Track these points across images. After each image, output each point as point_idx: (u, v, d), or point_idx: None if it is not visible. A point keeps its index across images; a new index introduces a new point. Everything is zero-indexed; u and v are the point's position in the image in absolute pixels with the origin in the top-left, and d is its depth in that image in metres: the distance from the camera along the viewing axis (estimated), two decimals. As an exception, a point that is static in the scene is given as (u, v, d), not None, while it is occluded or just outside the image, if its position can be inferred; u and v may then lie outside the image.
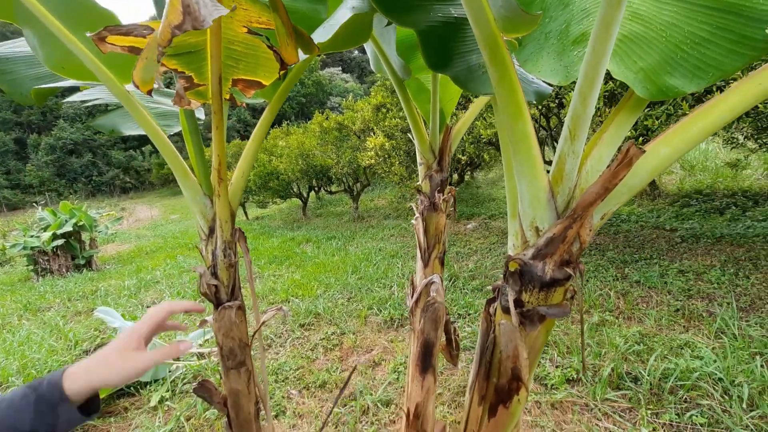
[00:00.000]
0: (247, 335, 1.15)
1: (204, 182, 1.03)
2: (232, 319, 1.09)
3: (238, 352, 1.11)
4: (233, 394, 1.12)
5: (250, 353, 1.15)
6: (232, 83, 0.91)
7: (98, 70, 0.86)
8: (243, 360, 1.12)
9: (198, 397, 2.95)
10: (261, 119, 1.06)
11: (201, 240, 1.09)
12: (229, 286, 1.10)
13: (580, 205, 0.61)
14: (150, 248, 10.62)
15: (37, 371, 3.52)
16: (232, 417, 1.14)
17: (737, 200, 5.97)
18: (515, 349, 0.71)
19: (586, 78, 0.54)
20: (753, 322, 3.11)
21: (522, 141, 0.62)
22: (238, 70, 0.87)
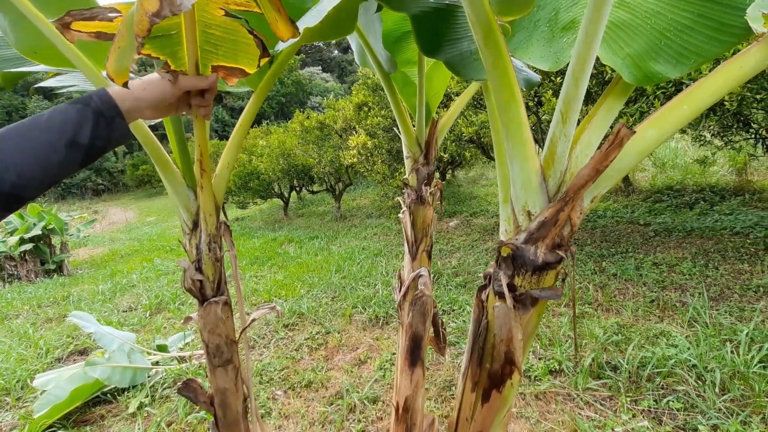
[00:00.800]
0: (234, 331, 1.12)
1: (187, 174, 1.00)
2: (219, 315, 1.06)
3: (225, 349, 1.08)
4: (220, 393, 1.09)
5: (238, 350, 1.13)
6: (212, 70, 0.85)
7: (74, 55, 0.82)
8: (230, 357, 1.09)
9: (179, 402, 2.87)
10: (247, 107, 1.03)
11: (184, 234, 1.06)
12: (214, 281, 1.07)
13: (572, 188, 0.62)
14: (125, 251, 10.28)
15: (5, 381, 3.36)
16: (219, 416, 1.11)
17: (705, 195, 6.24)
18: (510, 331, 0.71)
19: (579, 60, 0.55)
20: (723, 310, 3.25)
21: (514, 124, 0.62)
22: (217, 56, 0.82)
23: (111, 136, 0.64)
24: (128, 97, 0.67)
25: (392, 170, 6.67)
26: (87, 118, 0.62)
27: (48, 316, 5.22)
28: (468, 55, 0.76)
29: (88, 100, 0.63)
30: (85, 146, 0.62)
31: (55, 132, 0.59)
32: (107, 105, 0.64)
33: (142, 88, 0.70)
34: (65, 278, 7.86)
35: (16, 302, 6.06)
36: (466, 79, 0.82)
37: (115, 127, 0.65)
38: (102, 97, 0.64)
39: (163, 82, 0.72)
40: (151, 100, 0.70)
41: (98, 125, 0.63)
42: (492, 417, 0.81)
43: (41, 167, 0.58)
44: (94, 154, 0.64)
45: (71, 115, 0.61)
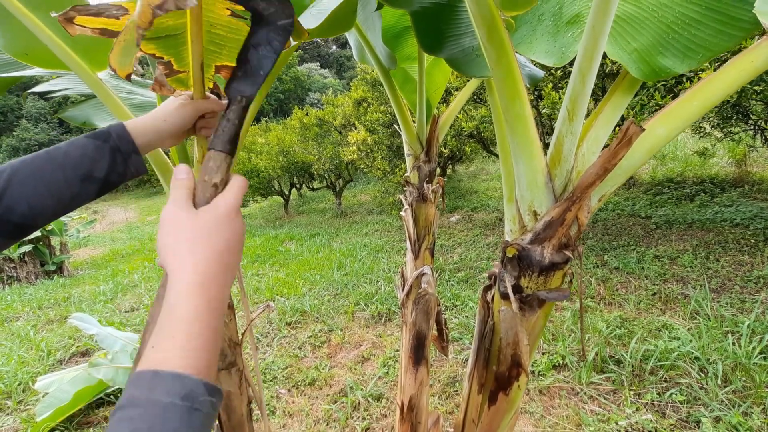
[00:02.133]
0: (237, 334, 1.11)
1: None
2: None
3: (228, 352, 1.07)
4: (224, 397, 1.08)
5: (241, 352, 1.12)
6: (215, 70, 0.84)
7: (67, 56, 0.80)
8: (234, 360, 1.08)
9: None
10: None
11: None
12: None
13: (579, 187, 0.61)
14: (126, 251, 10.28)
15: (6, 385, 3.36)
16: (223, 419, 1.10)
17: (706, 187, 6.22)
18: (515, 335, 0.70)
19: (585, 55, 0.54)
20: (724, 302, 3.25)
21: (519, 122, 0.61)
22: (221, 56, 0.81)
23: (126, 171, 0.65)
24: (149, 131, 0.68)
25: (392, 166, 6.65)
26: (104, 155, 0.62)
27: (49, 318, 5.22)
28: (470, 51, 0.74)
29: (107, 136, 0.64)
30: (100, 180, 0.63)
31: (70, 168, 0.60)
32: (124, 141, 0.65)
33: (162, 119, 0.70)
34: (66, 279, 7.86)
35: (16, 304, 6.06)
36: (468, 76, 0.81)
37: (131, 163, 0.66)
38: (120, 133, 0.65)
39: (182, 108, 0.71)
40: (172, 130, 0.71)
41: (115, 161, 0.63)
42: (499, 419, 0.80)
43: (55, 200, 0.59)
44: (109, 187, 0.65)
45: (89, 152, 0.62)
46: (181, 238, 0.44)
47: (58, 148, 0.61)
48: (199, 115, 0.74)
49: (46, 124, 33.47)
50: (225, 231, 0.46)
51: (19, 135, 31.86)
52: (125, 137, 0.65)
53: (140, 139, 0.67)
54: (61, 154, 0.60)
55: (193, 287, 0.41)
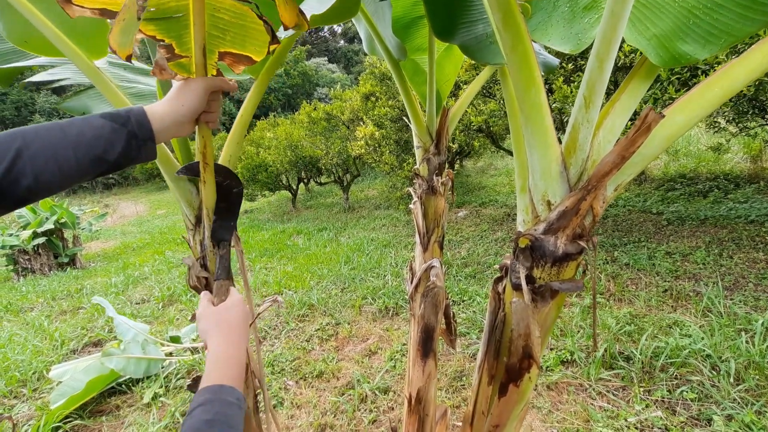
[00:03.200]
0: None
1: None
2: None
3: None
4: None
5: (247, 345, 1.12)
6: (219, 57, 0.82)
7: (63, 44, 0.78)
8: None
9: (187, 389, 2.91)
10: (248, 96, 0.98)
11: (188, 230, 1.02)
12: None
13: (595, 176, 0.60)
14: (137, 244, 10.42)
15: (21, 373, 3.43)
16: None
17: (719, 183, 6.11)
18: (527, 327, 0.70)
19: (604, 40, 0.52)
20: (737, 300, 3.20)
21: (534, 110, 0.60)
22: (224, 42, 0.79)
23: (138, 157, 0.65)
24: (168, 117, 0.67)
25: (400, 161, 6.63)
26: (120, 139, 0.62)
27: (62, 309, 5.32)
28: (484, 38, 0.73)
29: (126, 120, 0.63)
30: (110, 163, 0.62)
31: (83, 147, 0.59)
32: (143, 129, 0.64)
33: (180, 104, 0.69)
34: (78, 271, 8.00)
35: (30, 295, 6.18)
36: (482, 63, 0.79)
37: (145, 149, 0.65)
38: (140, 119, 0.64)
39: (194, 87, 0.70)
40: (189, 114, 0.70)
41: (130, 147, 0.63)
42: (509, 411, 0.79)
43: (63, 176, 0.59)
44: (117, 168, 0.65)
45: (105, 133, 0.61)
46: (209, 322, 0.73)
47: (72, 123, 0.60)
48: (210, 92, 0.72)
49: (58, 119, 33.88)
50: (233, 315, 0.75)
51: (33, 129, 32.28)
52: (145, 124, 0.64)
53: (158, 124, 0.66)
54: (75, 131, 0.59)
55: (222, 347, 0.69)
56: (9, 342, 4.19)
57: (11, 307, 5.64)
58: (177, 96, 0.70)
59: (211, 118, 0.77)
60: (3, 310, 5.55)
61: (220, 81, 0.74)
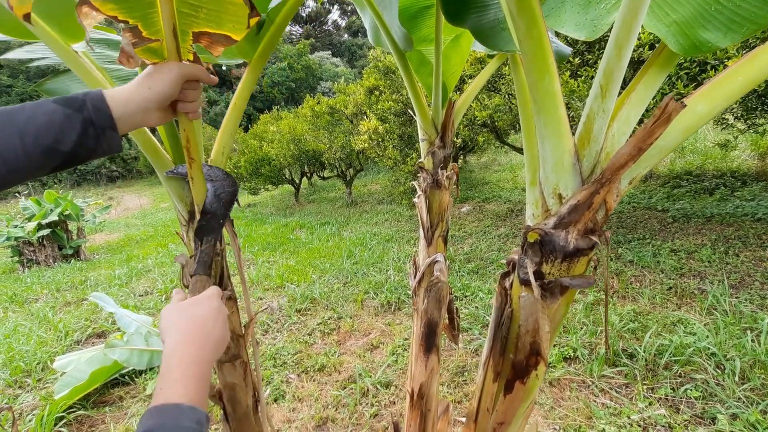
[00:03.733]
0: (240, 326, 1.07)
1: (178, 160, 0.91)
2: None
3: (232, 344, 1.02)
4: (229, 388, 1.04)
5: (245, 344, 1.08)
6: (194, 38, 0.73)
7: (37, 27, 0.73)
8: (237, 353, 1.04)
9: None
10: (240, 83, 0.93)
11: (181, 226, 0.96)
12: (216, 275, 0.96)
13: (610, 169, 0.58)
14: (140, 237, 10.46)
15: (26, 364, 3.46)
16: (229, 411, 1.06)
17: (726, 181, 6.05)
18: (536, 323, 0.68)
19: (623, 26, 0.50)
20: (743, 298, 3.17)
21: (548, 100, 0.58)
22: (198, 21, 0.70)
23: (98, 147, 0.58)
24: (132, 102, 0.60)
25: (404, 156, 6.59)
26: (74, 127, 0.55)
27: (66, 300, 5.35)
28: (496, 23, 0.70)
29: (81, 104, 0.56)
30: (65, 154, 0.55)
31: (31, 136, 0.52)
32: (100, 114, 0.57)
33: (147, 86, 0.62)
34: (82, 263, 8.04)
35: (35, 286, 6.22)
36: (494, 49, 0.77)
37: (105, 139, 0.58)
38: (96, 104, 0.57)
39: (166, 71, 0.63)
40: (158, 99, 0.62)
41: (86, 135, 0.56)
42: (515, 408, 0.78)
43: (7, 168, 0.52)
44: (74, 161, 0.57)
45: (56, 120, 0.54)
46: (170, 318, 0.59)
47: (21, 108, 0.53)
48: (184, 80, 0.65)
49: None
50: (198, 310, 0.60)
51: (37, 121, 32.34)
52: (102, 109, 0.57)
53: (120, 110, 0.59)
54: (23, 117, 0.52)
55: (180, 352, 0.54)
56: (14, 332, 4.22)
57: (16, 298, 5.68)
58: (145, 79, 0.62)
59: (188, 108, 0.69)
60: (8, 300, 5.59)
61: (196, 69, 0.67)
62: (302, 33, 49.68)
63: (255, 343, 1.10)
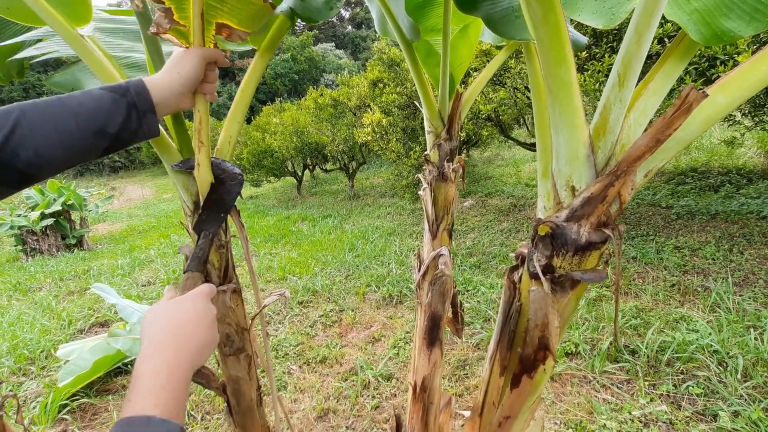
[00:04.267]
0: (246, 319, 1.06)
1: (184, 148, 0.89)
2: (227, 304, 0.96)
3: (236, 338, 1.01)
4: (233, 381, 1.03)
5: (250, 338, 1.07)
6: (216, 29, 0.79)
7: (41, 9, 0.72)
8: (242, 346, 1.03)
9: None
10: (249, 70, 0.92)
11: (186, 216, 0.94)
12: (221, 268, 0.95)
13: (626, 160, 0.56)
14: (143, 227, 10.49)
15: (30, 351, 3.48)
16: (233, 404, 1.05)
17: (732, 178, 6.00)
18: (545, 317, 0.67)
19: (645, 12, 0.48)
20: (747, 296, 3.15)
21: (564, 89, 0.56)
22: (222, 13, 0.77)
23: (139, 130, 0.63)
24: (165, 87, 0.66)
25: (407, 149, 6.56)
26: (120, 110, 0.60)
27: (70, 289, 5.38)
28: (510, 11, 0.68)
29: (125, 90, 0.61)
30: (112, 135, 0.60)
31: (83, 118, 0.57)
32: (142, 99, 0.62)
33: (176, 72, 0.67)
34: (85, 252, 8.07)
35: (38, 275, 6.26)
36: (507, 38, 0.75)
37: (145, 122, 0.63)
38: (138, 89, 0.62)
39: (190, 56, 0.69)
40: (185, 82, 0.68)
41: (130, 118, 0.61)
42: (521, 403, 0.77)
43: (65, 150, 0.56)
44: (119, 144, 0.62)
45: (105, 104, 0.59)
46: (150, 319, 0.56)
47: (72, 96, 0.58)
48: (206, 62, 0.71)
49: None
50: (179, 313, 0.56)
51: (40, 111, 32.35)
52: (143, 94, 0.62)
53: (158, 95, 0.64)
54: (75, 102, 0.57)
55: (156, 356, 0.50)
56: (18, 320, 4.25)
57: (20, 286, 5.71)
58: (174, 66, 0.68)
59: (208, 89, 0.75)
60: (12, 289, 5.63)
61: (216, 52, 0.73)
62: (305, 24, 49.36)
63: (265, 334, 1.09)
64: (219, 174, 0.82)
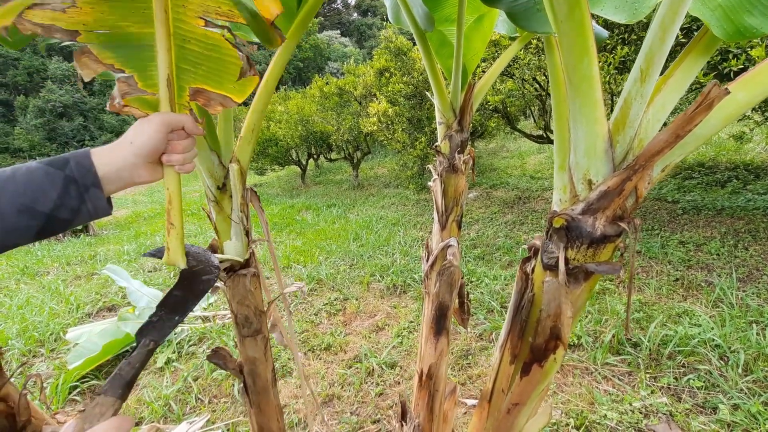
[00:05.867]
0: (263, 302, 1.09)
1: (209, 135, 0.92)
2: (247, 287, 1.02)
3: (254, 320, 1.05)
4: (250, 362, 1.08)
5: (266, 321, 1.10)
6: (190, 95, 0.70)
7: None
8: (259, 328, 1.06)
9: (206, 360, 3.00)
10: (272, 62, 0.93)
11: (208, 201, 0.99)
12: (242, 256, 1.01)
13: (644, 155, 0.57)
14: (148, 214, 10.55)
15: (39, 333, 3.54)
16: (249, 384, 1.09)
17: (739, 173, 5.96)
18: (558, 307, 0.68)
19: (671, 7, 0.49)
20: (750, 292, 3.16)
21: (585, 83, 0.57)
22: (196, 77, 0.69)
23: (81, 207, 0.54)
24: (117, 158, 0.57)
25: (412, 139, 6.54)
26: (54, 184, 0.51)
27: (77, 274, 5.44)
28: (532, 4, 0.68)
29: (65, 163, 0.53)
30: (44, 215, 0.51)
31: (7, 194, 0.49)
32: (83, 171, 0.54)
33: (129, 141, 0.58)
34: (91, 238, 8.14)
35: (46, 260, 6.33)
36: (529, 31, 0.75)
37: (89, 198, 0.54)
38: (80, 161, 0.54)
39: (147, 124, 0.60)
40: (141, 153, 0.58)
41: (67, 194, 0.52)
42: (530, 390, 0.79)
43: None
44: (57, 225, 0.53)
45: (36, 178, 0.51)
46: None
47: (2, 171, 0.51)
48: (168, 130, 0.60)
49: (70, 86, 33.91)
50: None
51: (45, 96, 32.43)
52: (85, 165, 0.54)
53: (104, 168, 0.56)
54: (3, 177, 0.50)
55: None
56: (26, 304, 4.32)
57: (28, 270, 5.78)
58: (128, 134, 0.59)
59: (175, 160, 0.62)
60: (20, 273, 5.70)
61: (181, 117, 0.61)
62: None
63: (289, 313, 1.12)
64: (193, 265, 0.69)
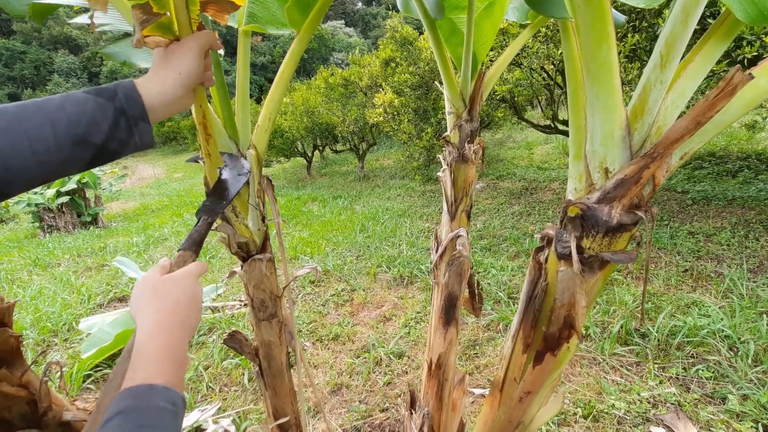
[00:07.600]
0: (278, 288, 1.13)
1: (228, 123, 0.93)
2: (263, 272, 1.06)
3: (270, 303, 1.09)
4: (265, 345, 1.11)
5: (281, 305, 1.14)
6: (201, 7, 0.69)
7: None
8: (274, 312, 1.10)
9: (215, 348, 3.04)
10: (289, 51, 0.95)
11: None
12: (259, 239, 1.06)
13: (663, 143, 0.56)
14: (155, 206, 10.63)
15: (53, 324, 3.61)
16: (264, 367, 1.13)
17: (750, 163, 5.87)
18: (573, 296, 0.68)
19: (694, -10, 0.48)
20: (761, 282, 3.13)
21: (603, 69, 0.56)
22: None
23: (130, 140, 0.55)
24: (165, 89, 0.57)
25: (419, 130, 6.50)
26: (106, 116, 0.51)
27: (87, 265, 5.52)
28: (548, -11, 0.67)
29: (113, 94, 0.53)
30: (96, 146, 0.52)
31: (62, 125, 0.48)
32: (133, 103, 0.54)
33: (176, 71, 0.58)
34: (101, 230, 8.24)
35: (57, 251, 6.42)
36: (545, 15, 0.74)
37: (138, 131, 0.55)
38: (128, 93, 0.54)
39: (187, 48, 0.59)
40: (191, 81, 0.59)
41: (118, 126, 0.53)
42: (543, 379, 0.80)
43: (37, 162, 0.48)
44: (106, 156, 0.53)
45: (88, 109, 0.50)
46: (145, 295, 0.55)
47: (50, 99, 0.50)
48: (205, 51, 0.62)
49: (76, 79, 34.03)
50: (177, 291, 0.56)
51: (52, 90, 32.61)
52: (134, 98, 0.54)
53: (152, 100, 0.55)
54: (53, 106, 0.49)
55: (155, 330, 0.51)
56: (39, 295, 4.40)
57: (39, 261, 5.88)
58: (169, 63, 0.58)
59: (208, 78, 0.66)
60: (32, 264, 5.79)
61: (210, 37, 0.63)
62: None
63: (291, 302, 1.15)
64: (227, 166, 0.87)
